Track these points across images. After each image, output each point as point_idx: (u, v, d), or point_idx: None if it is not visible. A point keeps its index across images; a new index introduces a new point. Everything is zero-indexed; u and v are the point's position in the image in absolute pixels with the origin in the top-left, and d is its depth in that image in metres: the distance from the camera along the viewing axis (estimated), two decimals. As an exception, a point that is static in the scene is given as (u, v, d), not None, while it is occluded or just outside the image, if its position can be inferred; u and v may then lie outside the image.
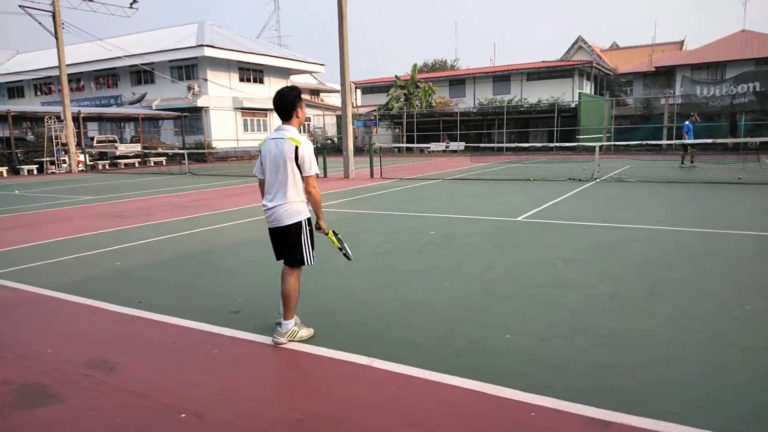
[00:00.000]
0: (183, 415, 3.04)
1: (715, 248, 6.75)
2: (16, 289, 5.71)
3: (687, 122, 19.29)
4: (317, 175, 3.95)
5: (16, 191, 17.28)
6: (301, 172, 3.85)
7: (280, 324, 4.01)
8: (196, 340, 4.18)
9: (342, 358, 3.72)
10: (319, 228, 4.12)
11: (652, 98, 36.10)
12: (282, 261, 4.07)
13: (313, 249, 4.02)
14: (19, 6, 24.35)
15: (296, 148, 3.78)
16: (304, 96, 4.19)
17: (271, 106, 4.10)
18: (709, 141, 17.88)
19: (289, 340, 3.95)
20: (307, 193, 3.93)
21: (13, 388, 3.41)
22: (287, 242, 3.95)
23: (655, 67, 40.60)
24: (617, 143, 21.81)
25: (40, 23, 25.53)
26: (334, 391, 3.28)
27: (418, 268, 6.16)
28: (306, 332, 4.05)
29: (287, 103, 3.88)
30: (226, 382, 3.41)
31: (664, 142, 21.71)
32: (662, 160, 22.19)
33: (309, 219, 4.01)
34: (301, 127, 4.04)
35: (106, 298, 5.24)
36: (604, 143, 17.24)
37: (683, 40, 52.87)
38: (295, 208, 3.90)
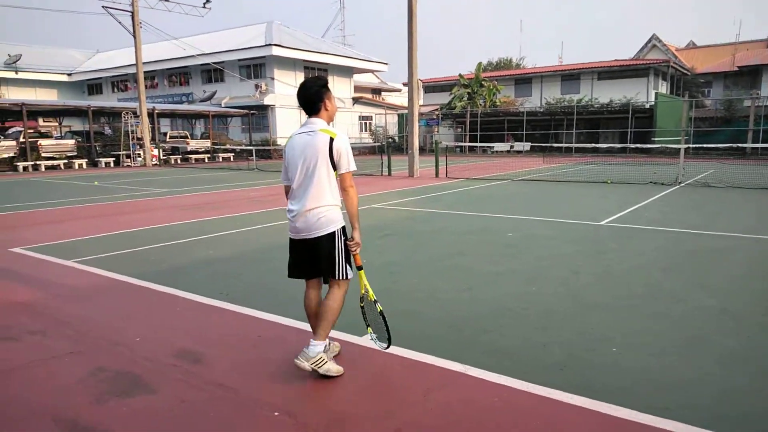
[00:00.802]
0: (276, 414, 2.92)
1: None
2: (103, 276, 5.84)
3: None
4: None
5: (96, 182, 18.10)
6: (336, 169, 3.29)
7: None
8: (279, 335, 4.09)
9: (434, 363, 3.51)
10: (351, 240, 3.34)
11: (735, 99, 33.95)
12: (295, 278, 3.49)
13: (347, 261, 3.36)
14: (102, 7, 25.57)
15: (331, 140, 3.23)
16: (364, 95, 3.84)
17: (337, 105, 3.63)
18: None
19: (313, 368, 3.23)
20: (344, 191, 3.33)
21: (108, 375, 3.41)
22: (317, 255, 3.31)
23: (739, 67, 38.21)
24: (697, 146, 20.55)
25: (120, 23, 26.75)
26: (430, 398, 3.08)
27: (499, 270, 5.87)
28: (334, 368, 3.31)
29: (312, 95, 3.33)
30: (316, 382, 3.27)
31: (750, 145, 20.26)
32: (749, 165, 20.75)
33: (344, 228, 3.37)
34: (332, 122, 3.45)
35: (188, 288, 5.26)
36: (684, 146, 16.22)
37: (770, 38, 49.48)
38: (329, 215, 3.28)
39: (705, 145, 19.50)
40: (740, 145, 19.72)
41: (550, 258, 6.40)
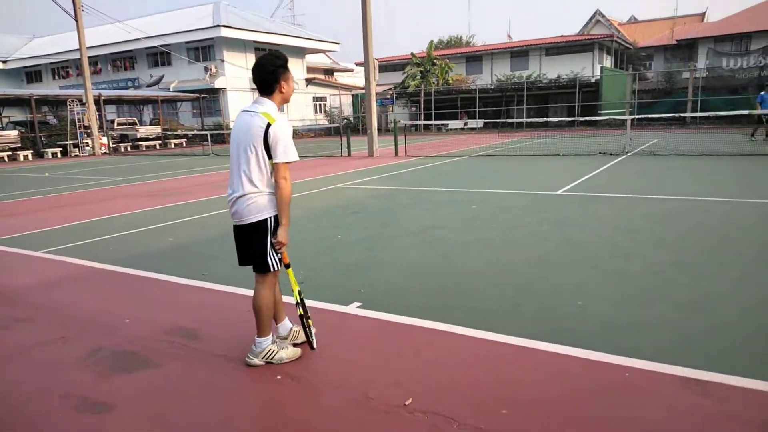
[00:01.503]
0: (278, 377, 3.10)
1: (767, 217, 6.68)
2: (77, 264, 5.81)
3: (763, 93, 18.71)
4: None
5: (46, 173, 17.48)
6: (270, 157, 3.06)
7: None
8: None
9: (420, 325, 3.75)
10: (274, 238, 3.13)
11: (675, 71, 35.42)
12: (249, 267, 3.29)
13: (276, 253, 3.19)
14: (39, -11, 24.29)
15: (268, 125, 3.01)
16: (317, 76, 3.47)
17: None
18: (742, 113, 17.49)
19: (266, 362, 3.23)
20: (276, 182, 3.09)
21: (106, 355, 3.50)
22: (248, 243, 3.17)
23: (677, 40, 39.73)
24: (641, 117, 21.43)
25: (60, 6, 25.53)
26: (421, 354, 3.32)
27: (470, 239, 6.17)
28: (287, 353, 3.27)
29: (268, 75, 3.09)
30: (316, 347, 3.46)
31: (690, 114, 21.35)
32: (689, 133, 21.84)
33: (275, 216, 3.16)
34: (284, 105, 3.23)
35: (167, 271, 5.33)
36: (629, 117, 17.04)
37: (705, 12, 51.64)
38: (259, 202, 3.10)
39: (649, 116, 20.46)
40: (681, 114, 20.74)
41: (515, 227, 6.74)
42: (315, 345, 3.41)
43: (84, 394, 3.00)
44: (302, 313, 3.35)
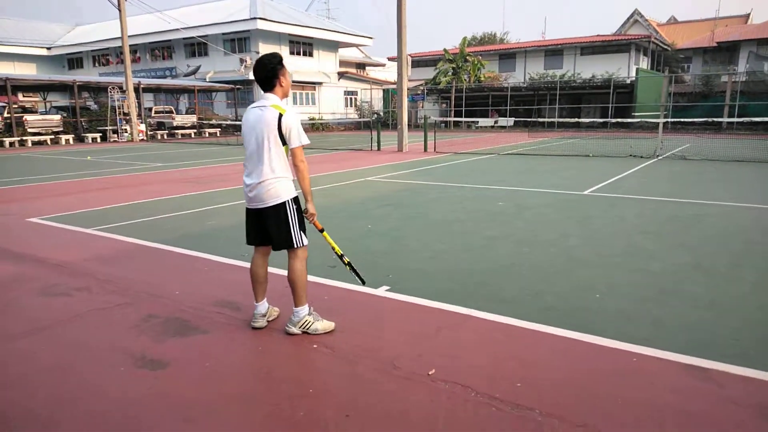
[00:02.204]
0: (315, 346, 3.43)
1: (793, 224, 6.76)
2: (127, 242, 6.26)
3: None
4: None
5: (89, 157, 18.24)
6: (286, 144, 3.47)
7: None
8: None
9: (443, 308, 4.04)
10: (306, 212, 3.61)
11: (713, 75, 34.75)
12: (252, 246, 3.75)
13: (302, 230, 3.58)
14: (87, -21, 25.17)
15: (280, 115, 3.41)
16: (349, 70, 3.97)
17: (320, 80, 3.67)
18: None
19: (303, 331, 3.58)
20: (295, 166, 3.51)
21: (159, 321, 3.88)
22: (271, 225, 3.53)
23: (718, 43, 38.93)
24: (675, 120, 21.23)
25: (104, -5, 26.39)
26: (442, 334, 3.62)
27: (495, 234, 6.42)
28: (322, 325, 3.61)
29: (268, 72, 3.48)
30: (345, 323, 3.78)
31: (726, 119, 21.03)
32: (724, 139, 21.55)
33: (296, 198, 3.59)
34: (286, 99, 3.62)
35: (209, 251, 5.72)
36: (663, 120, 16.94)
37: (749, 14, 50.33)
38: (278, 186, 3.48)
39: (683, 120, 20.23)
40: (716, 119, 20.49)
41: (540, 224, 6.96)
42: (365, 280, 4.15)
43: (141, 353, 3.38)
44: (348, 262, 4.06)
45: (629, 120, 22.47)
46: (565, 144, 21.66)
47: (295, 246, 3.57)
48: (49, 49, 47.25)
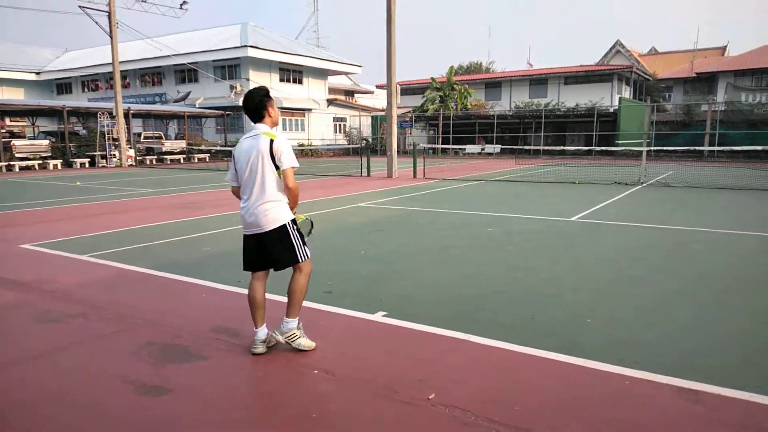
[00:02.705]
0: (315, 372, 3.48)
1: (774, 250, 6.95)
2: (121, 268, 6.27)
3: None
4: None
5: (78, 182, 18.18)
6: (277, 167, 3.63)
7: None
8: (302, 315, 4.62)
9: (443, 333, 4.12)
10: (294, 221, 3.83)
11: (694, 104, 35.67)
12: (250, 272, 3.87)
13: (304, 244, 3.79)
14: (79, 6, 25.48)
15: (271, 141, 3.59)
16: (338, 97, 4.22)
17: (309, 106, 3.93)
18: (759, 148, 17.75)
19: (286, 341, 3.74)
20: (286, 187, 3.68)
21: (157, 347, 3.91)
22: (273, 248, 3.69)
23: (697, 73, 40.08)
24: (658, 148, 21.73)
25: (96, 22, 26.66)
26: (446, 358, 3.69)
27: (485, 260, 6.53)
28: (306, 342, 3.77)
29: (257, 104, 3.68)
30: (343, 348, 3.84)
31: (707, 148, 21.58)
32: (706, 167, 22.05)
33: (294, 220, 3.78)
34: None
35: (205, 277, 5.75)
36: (646, 148, 17.39)
37: (726, 46, 51.97)
38: (276, 211, 3.66)
39: (665, 148, 20.71)
40: (698, 148, 21.01)
41: (529, 250, 7.09)
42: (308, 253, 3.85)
43: (142, 380, 3.40)
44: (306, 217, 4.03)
45: (613, 148, 22.95)
46: (552, 171, 22.03)
47: (300, 261, 3.74)
48: (37, 74, 47.34)
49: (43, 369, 3.60)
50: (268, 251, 3.71)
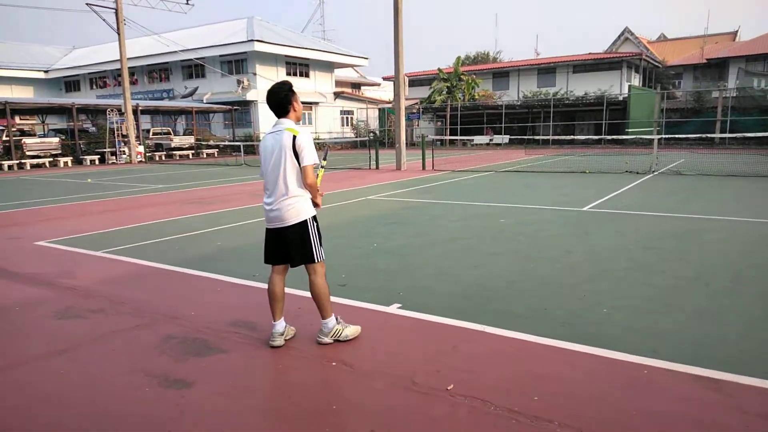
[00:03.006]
0: (334, 364, 3.52)
1: (790, 237, 6.91)
2: (137, 263, 6.34)
3: None
4: (317, 166, 3.76)
5: (89, 179, 18.33)
6: (299, 162, 3.66)
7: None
8: (315, 309, 4.66)
9: (456, 324, 4.14)
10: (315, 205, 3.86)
11: (704, 91, 35.29)
12: (270, 265, 3.93)
13: (321, 245, 3.83)
14: (87, 4, 25.56)
15: (294, 137, 3.62)
16: (345, 90, 4.23)
17: (316, 100, 3.93)
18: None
19: (335, 340, 3.82)
20: (308, 187, 3.72)
21: (177, 341, 3.96)
22: (293, 243, 3.73)
23: (707, 59, 39.61)
24: (669, 136, 21.57)
25: (104, 20, 26.75)
26: (459, 349, 3.71)
27: (499, 251, 6.54)
28: (351, 330, 3.88)
29: (281, 99, 3.72)
30: (360, 341, 3.87)
31: (719, 135, 21.38)
32: (717, 154, 21.86)
33: (315, 216, 3.83)
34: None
35: (220, 272, 5.80)
36: (657, 137, 17.26)
37: (737, 31, 51.26)
38: (299, 206, 3.70)
39: (676, 136, 20.55)
40: (709, 135, 20.79)
41: (542, 240, 7.09)
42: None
43: (165, 373, 3.46)
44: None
45: (623, 137, 22.79)
46: (561, 161, 21.92)
47: (316, 261, 3.77)
48: (46, 72, 47.55)
49: (68, 363, 3.66)
50: (287, 245, 3.75)
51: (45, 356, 3.79)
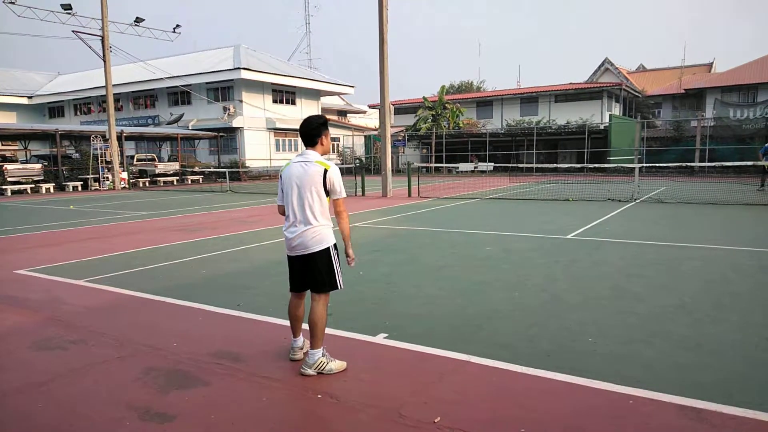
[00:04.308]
0: (319, 396, 3.48)
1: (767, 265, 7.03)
2: (118, 293, 6.24)
3: (767, 144, 19.83)
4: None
5: (72, 206, 18.12)
6: (329, 195, 3.81)
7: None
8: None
9: (442, 354, 4.12)
10: (348, 256, 3.98)
11: (683, 120, 36.13)
12: (293, 291, 4.03)
13: (341, 273, 3.94)
14: (73, 32, 25.64)
15: (325, 171, 3.74)
16: (331, 117, 4.37)
17: None
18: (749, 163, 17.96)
19: (317, 372, 3.76)
20: (338, 215, 3.86)
21: (160, 374, 3.89)
22: (315, 269, 3.82)
23: (685, 89, 40.65)
24: (650, 165, 21.96)
25: (90, 47, 26.81)
26: (445, 380, 3.69)
27: (485, 279, 6.55)
28: (336, 365, 3.82)
29: (312, 129, 3.84)
30: (346, 372, 3.83)
31: (698, 164, 21.85)
32: (697, 182, 22.29)
33: (335, 244, 3.92)
34: (326, 155, 3.97)
35: (204, 301, 5.74)
36: (638, 165, 17.62)
37: (712, 62, 52.82)
38: (322, 234, 3.81)
39: (657, 164, 20.92)
40: (689, 164, 21.22)
41: (527, 268, 7.13)
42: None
43: (146, 406, 3.38)
44: None
45: (605, 165, 23.16)
46: (545, 188, 22.18)
47: (339, 287, 3.91)
48: (30, 98, 47.36)
49: (47, 396, 3.57)
50: (312, 272, 3.84)
51: (22, 389, 3.69)
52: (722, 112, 32.73)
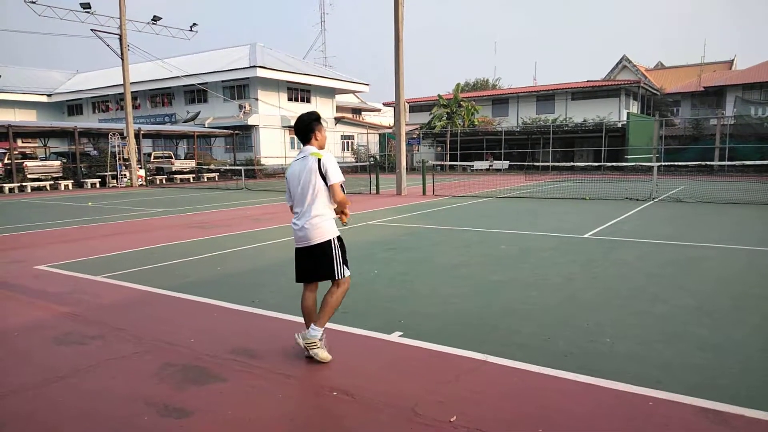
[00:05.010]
0: (335, 393, 3.48)
1: (791, 266, 6.89)
2: (137, 289, 6.31)
3: None
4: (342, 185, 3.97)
5: (90, 203, 18.36)
6: (326, 182, 3.89)
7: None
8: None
9: (459, 354, 4.11)
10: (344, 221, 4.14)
11: (703, 118, 35.62)
12: (302, 283, 4.15)
13: (344, 263, 4.05)
14: (91, 30, 25.96)
15: (318, 160, 3.87)
16: (345, 115, 4.43)
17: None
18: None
19: (305, 347, 3.92)
20: (335, 200, 3.95)
21: (177, 369, 3.92)
22: (318, 260, 3.96)
23: (705, 87, 40.06)
24: (668, 163, 21.68)
25: (108, 45, 27.12)
26: (461, 380, 3.67)
27: (502, 279, 6.52)
28: (323, 354, 3.93)
29: (306, 126, 3.99)
30: (361, 370, 3.83)
31: (717, 163, 21.53)
32: (716, 181, 21.96)
33: (339, 236, 4.05)
34: (323, 149, 4.04)
35: (221, 297, 5.78)
36: (656, 164, 17.38)
37: (733, 60, 51.99)
38: (324, 226, 3.93)
39: (675, 163, 20.64)
40: (708, 163, 20.90)
41: (544, 267, 7.07)
42: None
43: (164, 402, 3.42)
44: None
45: (623, 163, 22.90)
46: (561, 187, 22.00)
47: (337, 277, 4.00)
48: (49, 96, 48.07)
49: (66, 391, 3.62)
50: (315, 263, 3.99)
51: (43, 383, 3.75)
52: (743, 110, 32.21)
